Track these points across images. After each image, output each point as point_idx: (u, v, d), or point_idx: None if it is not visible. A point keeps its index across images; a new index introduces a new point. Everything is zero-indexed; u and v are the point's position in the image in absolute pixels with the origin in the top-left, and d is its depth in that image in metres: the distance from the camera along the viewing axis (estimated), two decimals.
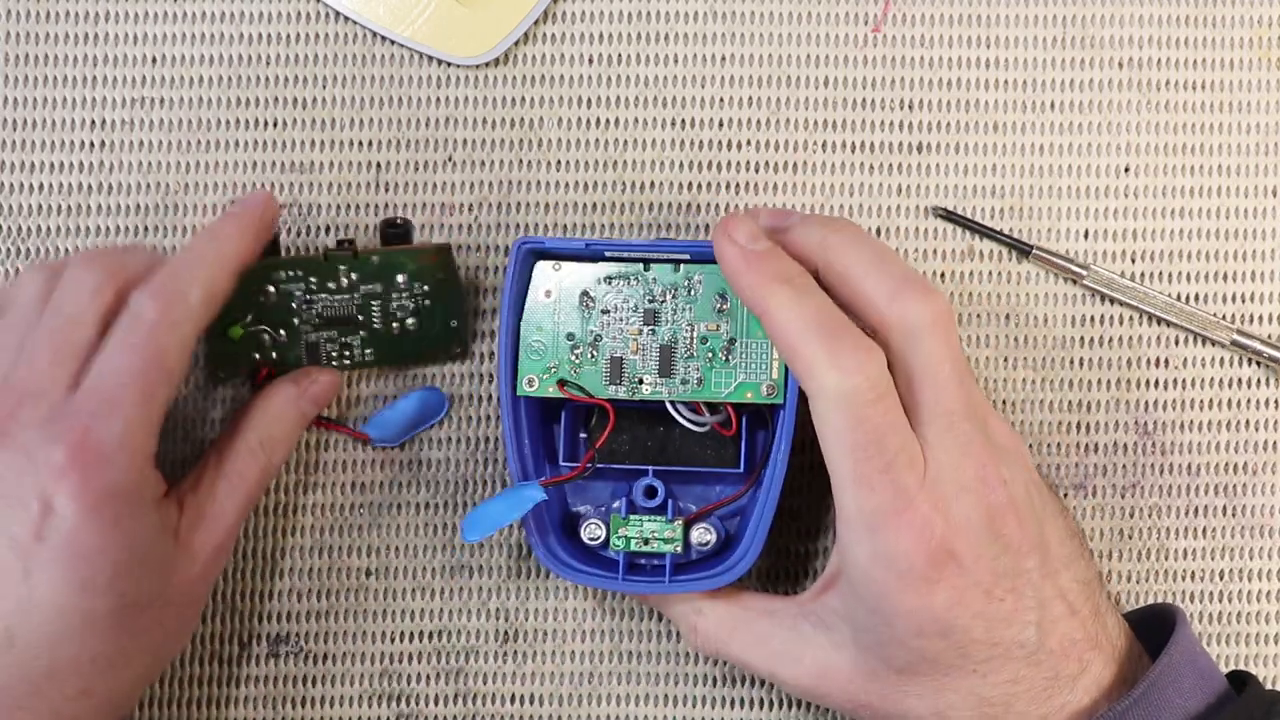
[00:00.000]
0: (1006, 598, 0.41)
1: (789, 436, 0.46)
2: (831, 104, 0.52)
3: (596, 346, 0.47)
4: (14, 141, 0.51)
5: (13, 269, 0.51)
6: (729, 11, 0.51)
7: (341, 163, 0.51)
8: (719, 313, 0.47)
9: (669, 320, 0.47)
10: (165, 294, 0.43)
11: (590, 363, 0.47)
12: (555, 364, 0.47)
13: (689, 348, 0.47)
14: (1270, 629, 0.51)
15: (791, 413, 0.46)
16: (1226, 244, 0.52)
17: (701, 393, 0.47)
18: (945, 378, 0.42)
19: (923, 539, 0.40)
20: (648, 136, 0.51)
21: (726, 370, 0.47)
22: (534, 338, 0.47)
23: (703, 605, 0.47)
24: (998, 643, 0.41)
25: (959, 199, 0.51)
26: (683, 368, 0.47)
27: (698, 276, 0.47)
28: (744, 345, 0.47)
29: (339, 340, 0.49)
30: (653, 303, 0.47)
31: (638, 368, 0.47)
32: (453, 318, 0.49)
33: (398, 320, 0.49)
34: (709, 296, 0.47)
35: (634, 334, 0.47)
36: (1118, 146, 0.52)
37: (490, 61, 0.51)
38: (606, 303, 0.47)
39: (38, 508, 0.40)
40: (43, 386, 0.42)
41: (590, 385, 0.47)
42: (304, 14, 0.51)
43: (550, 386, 0.47)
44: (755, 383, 0.47)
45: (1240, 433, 0.51)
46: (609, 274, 0.47)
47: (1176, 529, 0.51)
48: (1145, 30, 0.52)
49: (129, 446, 0.41)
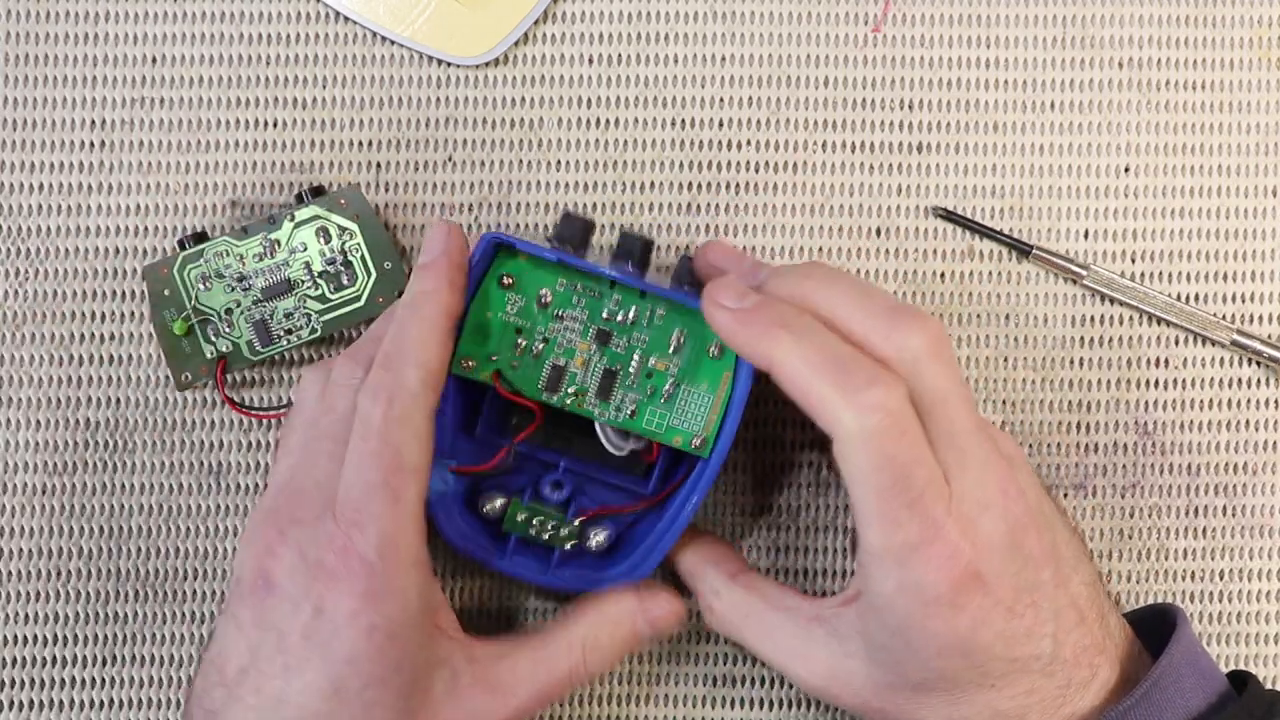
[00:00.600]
0: (1026, 613, 0.41)
1: (703, 493, 0.45)
2: (831, 104, 0.52)
3: (542, 348, 0.46)
4: (14, 141, 0.51)
5: (13, 269, 0.51)
6: (729, 11, 0.51)
7: (341, 163, 0.51)
8: (673, 352, 0.46)
9: (620, 345, 0.46)
10: (385, 390, 0.42)
11: (532, 363, 0.46)
12: (496, 354, 0.46)
13: (633, 377, 0.46)
14: (1270, 629, 0.51)
15: (713, 473, 0.45)
16: (1226, 244, 0.52)
17: (633, 424, 0.46)
18: (955, 400, 0.41)
19: (952, 567, 0.40)
20: (648, 136, 0.51)
21: (663, 410, 0.46)
22: (481, 318, 0.46)
23: (719, 588, 0.46)
24: (1016, 658, 0.41)
25: (959, 199, 0.51)
26: (620, 395, 0.46)
27: (661, 310, 0.46)
28: (686, 392, 0.46)
29: (283, 312, 0.49)
30: (608, 322, 0.46)
31: (576, 381, 0.46)
32: (385, 260, 0.49)
33: (331, 276, 0.49)
34: (668, 333, 0.46)
35: (584, 349, 0.46)
36: (1118, 146, 0.52)
37: (490, 61, 0.51)
38: (562, 309, 0.46)
39: (309, 609, 0.41)
40: (319, 484, 0.42)
41: (525, 385, 0.46)
42: (304, 14, 0.51)
43: (485, 374, 0.46)
44: (687, 431, 0.46)
45: (1240, 433, 0.51)
46: (571, 280, 0.46)
47: (1176, 529, 0.51)
48: (1145, 30, 0.52)
49: (389, 556, 0.41)
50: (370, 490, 0.41)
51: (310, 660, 0.41)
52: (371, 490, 0.41)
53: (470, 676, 0.43)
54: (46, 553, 0.51)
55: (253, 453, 0.51)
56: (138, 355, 0.51)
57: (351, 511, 0.41)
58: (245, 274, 0.49)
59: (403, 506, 0.41)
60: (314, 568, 0.41)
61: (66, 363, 0.51)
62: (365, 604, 0.41)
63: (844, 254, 0.51)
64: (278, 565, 0.41)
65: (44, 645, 0.51)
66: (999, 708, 0.42)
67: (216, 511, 0.51)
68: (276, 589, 0.41)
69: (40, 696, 0.51)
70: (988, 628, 0.41)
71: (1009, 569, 0.41)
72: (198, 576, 0.51)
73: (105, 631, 0.51)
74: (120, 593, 0.51)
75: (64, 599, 0.51)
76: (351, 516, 0.41)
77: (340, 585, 0.40)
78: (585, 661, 0.45)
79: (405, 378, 0.42)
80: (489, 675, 0.44)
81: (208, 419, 0.51)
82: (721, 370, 0.46)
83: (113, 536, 0.51)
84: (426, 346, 0.42)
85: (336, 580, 0.41)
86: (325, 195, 0.49)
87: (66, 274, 0.51)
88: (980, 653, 0.41)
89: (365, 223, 0.49)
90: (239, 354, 0.49)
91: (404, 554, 0.41)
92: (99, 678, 0.51)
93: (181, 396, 0.51)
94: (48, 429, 0.51)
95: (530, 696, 0.44)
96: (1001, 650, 0.41)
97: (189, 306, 0.49)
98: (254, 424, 0.51)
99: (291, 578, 0.41)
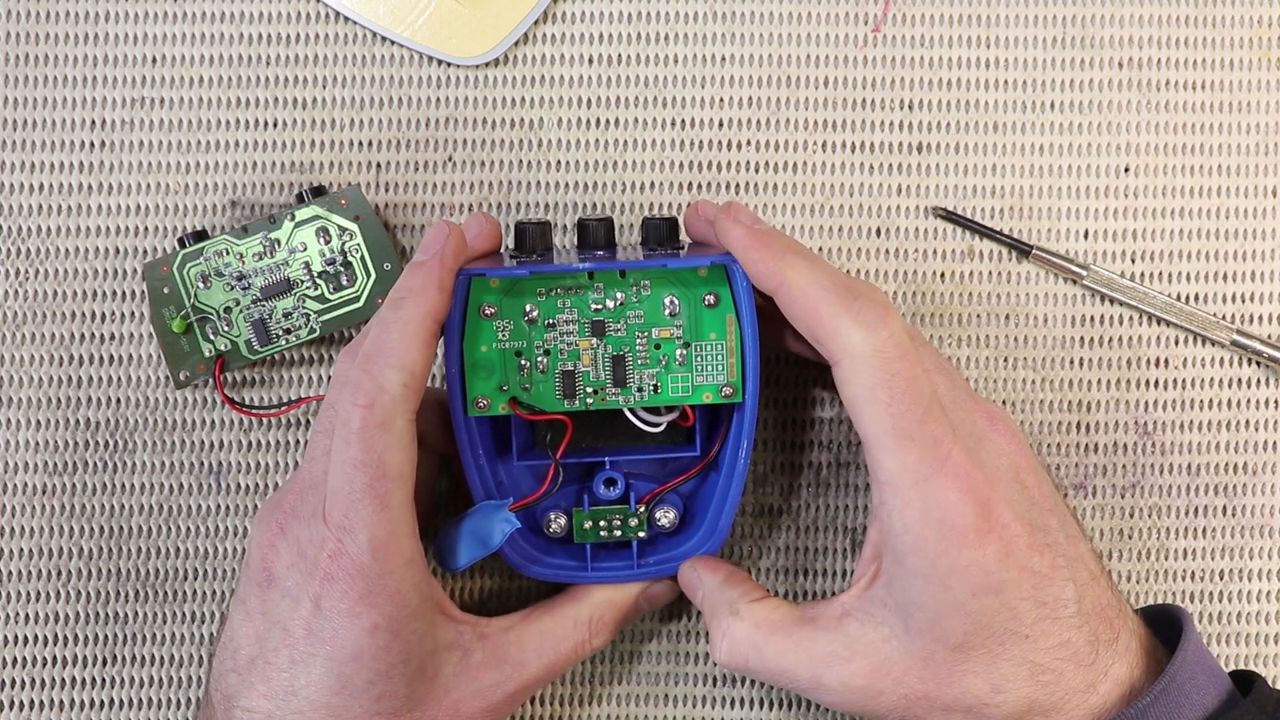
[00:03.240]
0: (1044, 552, 0.41)
1: (750, 435, 0.45)
2: (831, 104, 0.51)
3: (545, 361, 0.46)
4: (14, 141, 0.51)
5: (13, 269, 0.51)
6: (729, 11, 0.51)
7: (341, 163, 0.51)
8: (670, 317, 0.46)
9: (618, 329, 0.46)
10: (365, 393, 0.41)
11: (541, 378, 0.46)
12: (505, 383, 0.46)
13: (642, 355, 0.46)
14: (1270, 629, 0.51)
15: (752, 412, 0.45)
16: (1226, 244, 0.52)
17: (659, 398, 0.46)
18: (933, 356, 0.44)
19: (970, 489, 0.40)
20: (648, 136, 0.51)
21: (683, 374, 0.46)
22: (478, 354, 0.45)
23: (740, 607, 0.45)
24: (1045, 601, 0.41)
25: (959, 199, 0.51)
26: (637, 376, 0.46)
27: (646, 282, 0.46)
28: (698, 348, 0.46)
29: (282, 312, 0.49)
30: (599, 313, 0.46)
31: (590, 379, 0.46)
32: (384, 261, 0.49)
33: (330, 276, 0.49)
34: (659, 301, 0.46)
35: (586, 346, 0.46)
36: (1118, 146, 0.52)
37: (490, 61, 0.51)
38: (552, 317, 0.46)
39: (309, 605, 0.41)
40: (315, 481, 0.42)
41: (543, 401, 0.46)
42: (304, 14, 0.51)
43: (502, 405, 0.46)
44: (714, 384, 0.46)
45: (1240, 433, 0.51)
46: (549, 287, 0.46)
47: (1176, 529, 0.51)
48: (1145, 30, 0.52)
49: (382, 558, 0.41)
50: (356, 497, 0.41)
51: (315, 656, 0.41)
52: (357, 497, 0.41)
53: (482, 654, 0.44)
54: (46, 553, 0.51)
55: (252, 452, 0.51)
56: (137, 355, 0.51)
57: (340, 516, 0.41)
58: (245, 273, 0.49)
59: (391, 511, 0.41)
60: (311, 565, 0.41)
61: (66, 363, 0.51)
62: (364, 605, 0.41)
63: (844, 254, 0.51)
64: (278, 560, 0.42)
65: (44, 645, 0.51)
66: (1037, 660, 0.41)
67: (216, 511, 0.51)
68: (276, 583, 0.42)
69: (40, 696, 0.51)
70: (1013, 560, 0.41)
71: (1018, 503, 0.41)
72: (198, 576, 0.51)
73: (105, 631, 0.51)
74: (120, 593, 0.51)
75: (64, 599, 0.51)
76: (340, 521, 0.41)
77: (337, 586, 0.41)
78: (590, 639, 0.46)
79: (385, 380, 0.42)
80: (498, 650, 0.45)
81: (207, 419, 0.51)
82: (723, 315, 0.46)
83: (113, 536, 0.51)
84: (409, 348, 0.42)
85: (333, 581, 0.41)
86: (325, 195, 0.49)
87: (66, 274, 0.51)
88: (1010, 590, 0.41)
89: (365, 223, 0.49)
90: (237, 353, 0.49)
91: (396, 555, 0.41)
92: (99, 678, 0.51)
93: (181, 396, 0.51)
94: (48, 429, 0.51)
95: (539, 669, 0.45)
96: (1029, 589, 0.41)
97: (188, 305, 0.49)
98: (253, 423, 0.51)
99: (290, 573, 0.42)
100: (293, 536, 0.42)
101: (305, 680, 0.41)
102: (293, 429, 0.51)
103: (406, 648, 0.42)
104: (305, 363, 0.51)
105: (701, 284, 0.45)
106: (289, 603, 0.42)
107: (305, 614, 0.41)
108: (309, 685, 0.41)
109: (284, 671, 0.42)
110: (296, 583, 0.42)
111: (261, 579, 0.42)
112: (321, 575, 0.41)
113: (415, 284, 0.43)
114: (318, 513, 0.42)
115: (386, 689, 0.42)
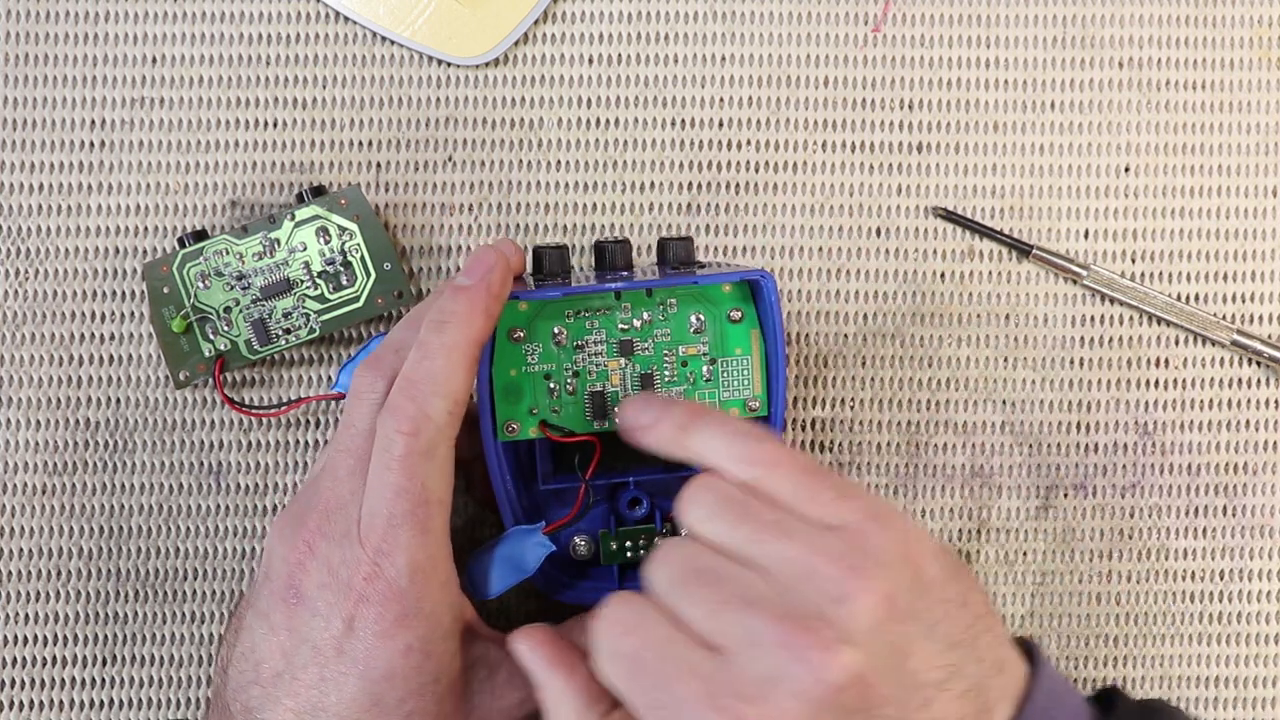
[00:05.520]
0: None
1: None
2: (831, 104, 0.52)
3: (575, 382, 0.46)
4: (14, 141, 0.51)
5: (13, 269, 0.51)
6: (729, 11, 0.51)
7: (341, 163, 0.51)
8: (696, 334, 0.46)
9: (646, 348, 0.46)
10: (409, 419, 0.41)
11: (570, 399, 0.46)
12: (535, 406, 0.46)
13: (670, 373, 0.46)
14: (1270, 629, 0.51)
15: (779, 423, 0.45)
16: (1226, 244, 0.52)
17: None
18: None
19: None
20: (648, 136, 0.51)
21: (710, 390, 0.46)
22: (508, 379, 0.45)
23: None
24: None
25: (959, 199, 0.51)
26: (665, 393, 0.46)
27: (672, 300, 0.46)
28: (724, 364, 0.46)
29: (282, 312, 0.49)
30: (626, 332, 0.46)
31: (618, 399, 0.46)
32: (384, 260, 0.49)
33: (330, 276, 0.49)
34: (685, 318, 0.46)
35: (614, 366, 0.46)
36: (1118, 146, 0.52)
37: (490, 61, 0.51)
38: (581, 339, 0.46)
39: (340, 625, 0.41)
40: (342, 501, 0.42)
41: (572, 422, 0.46)
42: (304, 14, 0.51)
43: (532, 429, 0.46)
44: (740, 399, 0.46)
45: (1240, 433, 0.51)
46: (576, 309, 0.46)
47: (1176, 529, 0.51)
48: (1145, 30, 0.52)
49: (420, 581, 0.41)
50: (396, 521, 0.41)
51: (348, 676, 0.41)
52: (397, 522, 0.41)
53: (506, 670, 0.44)
54: (46, 553, 0.51)
55: (252, 452, 0.51)
56: (137, 355, 0.51)
57: (378, 540, 0.41)
58: (244, 273, 0.49)
59: (431, 536, 0.41)
60: (344, 586, 0.41)
61: (66, 363, 0.51)
62: (399, 627, 0.41)
63: (844, 254, 0.51)
64: (308, 579, 0.42)
65: (44, 645, 0.51)
66: None
67: (216, 511, 0.51)
68: (305, 601, 0.42)
69: (40, 696, 0.51)
70: None
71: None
72: (198, 576, 0.51)
73: (105, 631, 0.51)
74: (120, 593, 0.51)
75: (64, 599, 0.51)
76: (378, 545, 0.41)
77: (372, 608, 0.41)
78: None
79: (431, 408, 0.41)
80: (521, 678, 0.44)
81: (207, 419, 0.51)
82: (748, 330, 0.46)
83: (113, 536, 0.51)
84: (453, 375, 0.42)
85: (367, 603, 0.41)
86: (325, 195, 0.49)
87: (66, 274, 0.51)
88: None
89: (365, 223, 0.49)
90: (237, 353, 0.49)
91: (433, 578, 0.41)
92: (99, 678, 0.51)
93: (181, 396, 0.51)
94: (48, 429, 0.51)
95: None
96: None
97: (188, 304, 0.49)
98: (253, 424, 0.51)
99: (321, 593, 0.41)
100: (323, 557, 0.42)
101: (336, 698, 0.41)
102: (293, 429, 0.51)
103: (439, 667, 0.42)
104: (305, 363, 0.51)
105: (726, 300, 0.46)
106: (319, 622, 0.41)
107: (336, 633, 0.41)
108: (340, 703, 0.41)
109: (313, 689, 0.41)
110: (328, 603, 0.41)
111: (288, 595, 0.42)
112: (356, 597, 0.41)
113: (460, 308, 0.42)
114: (350, 535, 0.41)
115: (417, 706, 0.42)
